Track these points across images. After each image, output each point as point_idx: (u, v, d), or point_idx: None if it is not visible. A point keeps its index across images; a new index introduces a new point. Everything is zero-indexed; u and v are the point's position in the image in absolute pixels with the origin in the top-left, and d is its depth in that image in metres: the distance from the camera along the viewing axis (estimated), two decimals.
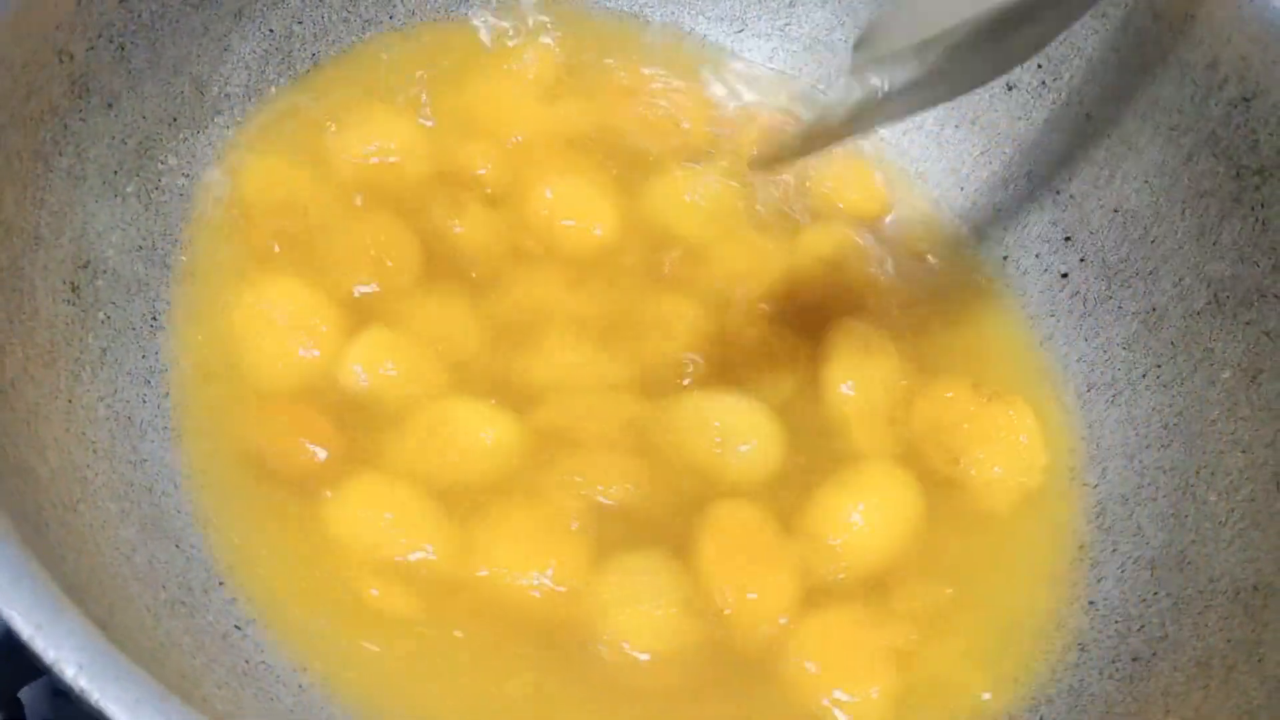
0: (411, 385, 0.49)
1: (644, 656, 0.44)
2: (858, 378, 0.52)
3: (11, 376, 0.40)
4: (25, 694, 0.50)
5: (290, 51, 0.56)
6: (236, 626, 0.43)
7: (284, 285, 0.51)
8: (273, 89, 0.56)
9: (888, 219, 0.59)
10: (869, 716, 0.44)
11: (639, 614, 0.44)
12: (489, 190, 0.55)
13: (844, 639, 0.45)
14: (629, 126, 0.58)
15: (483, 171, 0.55)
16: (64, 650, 0.29)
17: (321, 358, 0.49)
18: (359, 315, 0.50)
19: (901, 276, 0.57)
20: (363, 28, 0.58)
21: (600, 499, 0.47)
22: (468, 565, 0.45)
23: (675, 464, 0.48)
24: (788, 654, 0.44)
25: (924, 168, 0.61)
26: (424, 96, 0.57)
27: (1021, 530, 0.50)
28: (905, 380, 0.53)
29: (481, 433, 0.48)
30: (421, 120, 0.56)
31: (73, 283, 0.46)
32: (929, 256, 0.59)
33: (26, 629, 0.29)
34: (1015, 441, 0.51)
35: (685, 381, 0.51)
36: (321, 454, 0.47)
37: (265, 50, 0.55)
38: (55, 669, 0.29)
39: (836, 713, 0.44)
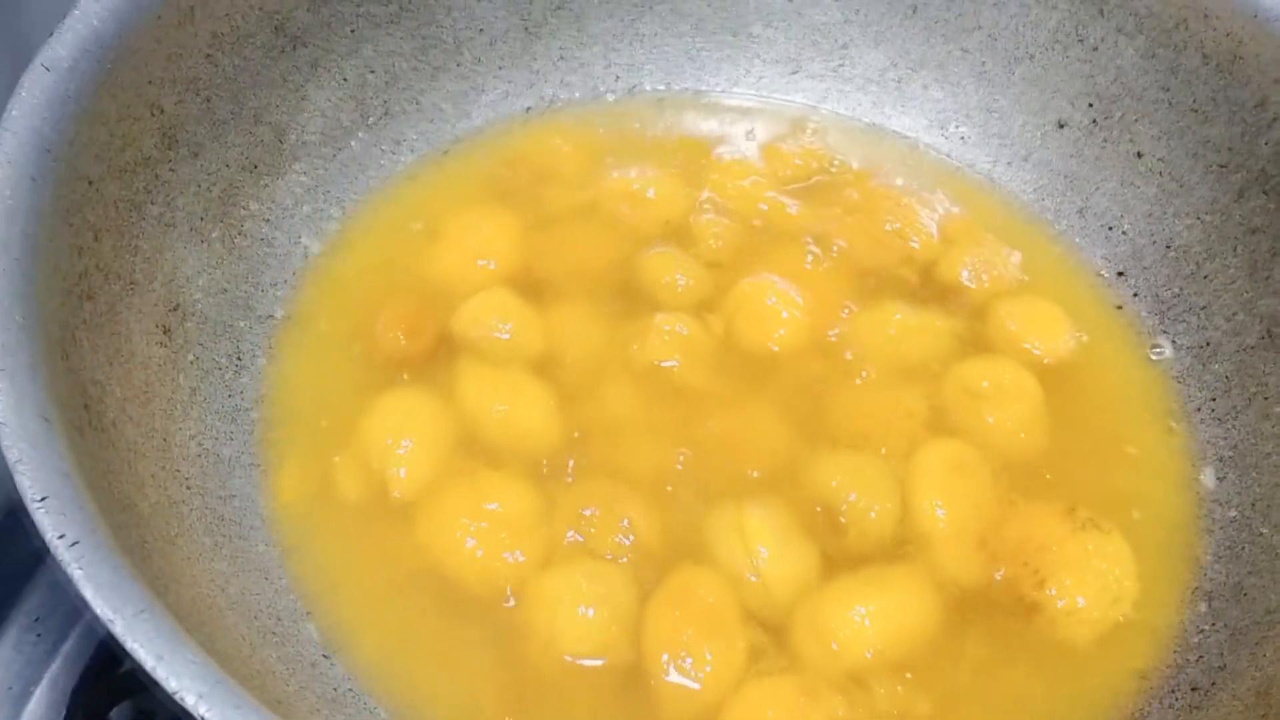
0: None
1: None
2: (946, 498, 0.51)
3: (113, 417, 0.42)
4: (115, 714, 0.52)
5: (364, 100, 0.58)
6: (325, 655, 0.45)
7: None
8: (353, 142, 0.58)
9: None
10: None
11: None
12: None
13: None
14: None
15: None
16: (184, 680, 0.31)
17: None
18: None
19: None
20: (432, 75, 0.60)
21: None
22: None
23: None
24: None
25: (975, 197, 0.63)
26: None
27: None
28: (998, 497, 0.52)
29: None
30: None
31: (164, 325, 0.48)
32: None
33: (149, 660, 0.31)
34: (1103, 571, 0.49)
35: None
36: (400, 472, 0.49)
37: (340, 98, 0.58)
38: (177, 697, 0.30)
39: None
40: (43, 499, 0.33)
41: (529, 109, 0.64)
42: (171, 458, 0.45)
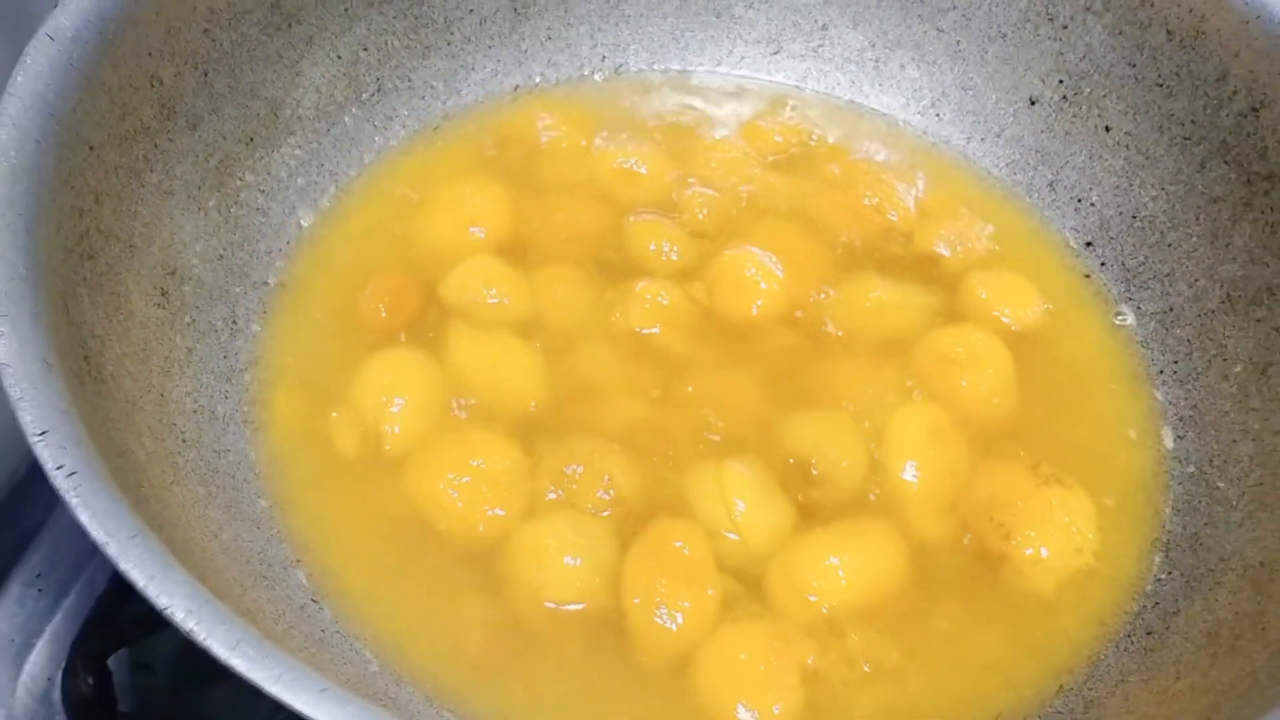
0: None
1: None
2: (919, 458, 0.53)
3: (111, 370, 0.44)
4: (113, 662, 0.54)
5: (357, 76, 0.60)
6: (313, 600, 0.47)
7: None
8: (346, 118, 0.60)
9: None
10: None
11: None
12: None
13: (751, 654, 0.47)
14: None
15: None
16: (175, 599, 0.33)
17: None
18: None
19: None
20: (423, 54, 0.62)
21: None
22: None
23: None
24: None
25: (950, 172, 0.65)
26: None
27: None
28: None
29: None
30: None
31: (162, 288, 0.50)
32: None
33: (141, 579, 0.33)
34: (1066, 525, 0.51)
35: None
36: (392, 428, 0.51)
37: (334, 75, 0.60)
38: (167, 614, 0.32)
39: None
40: (42, 433, 0.35)
41: (517, 87, 0.66)
42: (168, 412, 0.47)
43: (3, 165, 0.42)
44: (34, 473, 0.72)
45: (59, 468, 0.35)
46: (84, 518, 0.34)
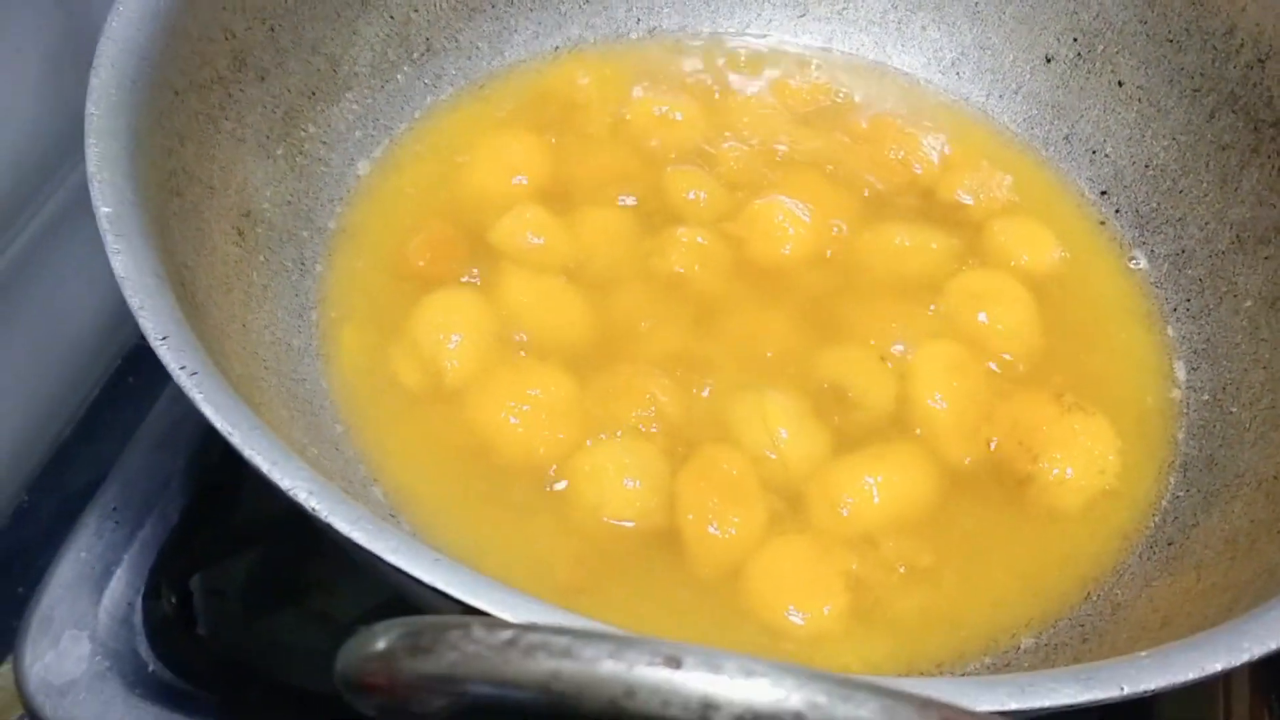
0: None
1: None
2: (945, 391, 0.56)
3: (201, 299, 0.47)
4: (194, 583, 0.57)
5: (409, 36, 0.63)
6: (391, 514, 0.50)
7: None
8: (399, 75, 0.63)
9: None
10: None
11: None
12: None
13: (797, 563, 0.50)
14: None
15: None
16: (298, 480, 0.36)
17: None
18: None
19: None
20: (469, 16, 0.66)
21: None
22: None
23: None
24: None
25: (971, 127, 0.68)
26: None
27: None
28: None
29: None
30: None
31: (239, 228, 0.53)
32: None
33: (265, 464, 0.36)
34: (1089, 448, 0.54)
35: None
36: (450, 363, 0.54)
37: (387, 34, 0.63)
38: (291, 493, 0.35)
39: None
40: (164, 338, 0.38)
41: (557, 48, 0.69)
42: (250, 341, 0.50)
43: (104, 102, 0.45)
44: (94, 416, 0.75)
45: (182, 368, 0.38)
46: (208, 411, 0.37)
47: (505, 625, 0.25)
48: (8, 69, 0.61)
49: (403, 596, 0.39)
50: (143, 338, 0.83)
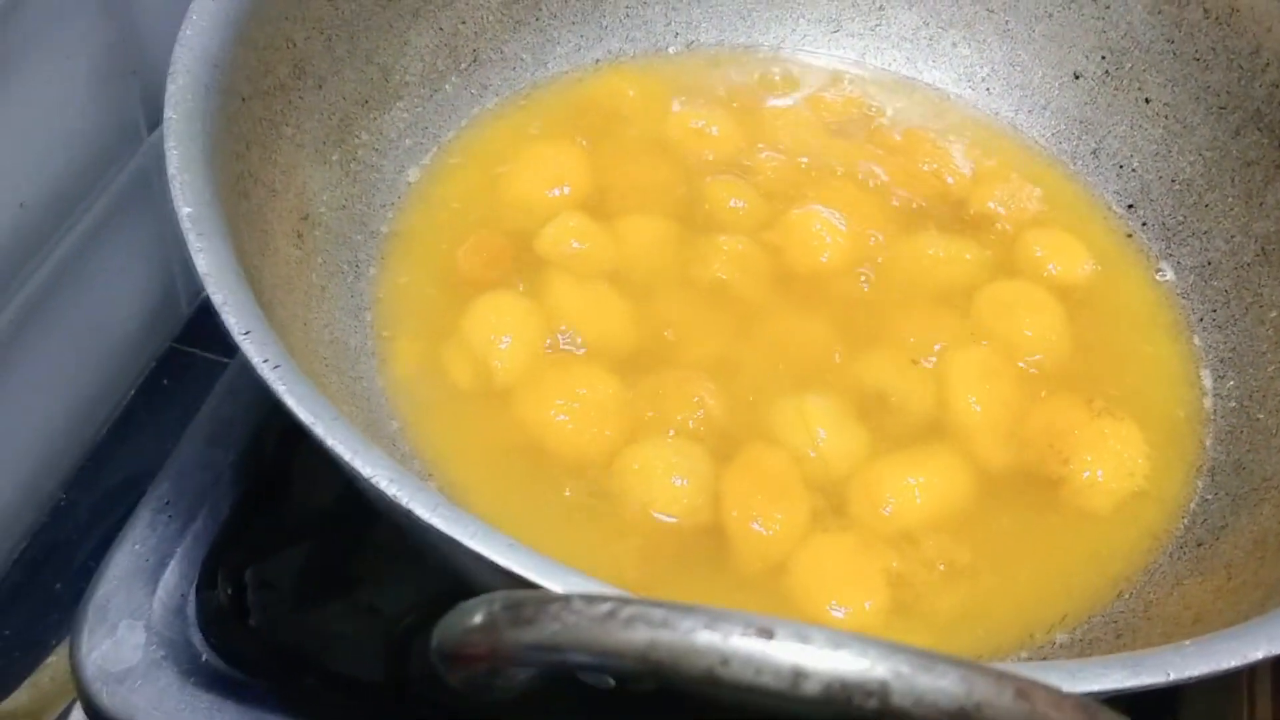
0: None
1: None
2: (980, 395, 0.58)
3: (267, 298, 0.49)
4: (246, 575, 0.58)
5: (456, 47, 0.65)
6: None
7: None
8: (447, 85, 0.65)
9: None
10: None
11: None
12: None
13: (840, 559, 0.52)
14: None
15: None
16: (379, 468, 0.37)
17: None
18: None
19: None
20: (514, 28, 0.67)
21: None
22: None
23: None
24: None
25: (1001, 142, 0.70)
26: None
27: None
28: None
29: None
30: None
31: (298, 231, 0.55)
32: None
33: (347, 453, 0.38)
34: (1119, 451, 0.56)
35: None
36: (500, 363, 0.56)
37: (436, 45, 0.64)
38: (372, 481, 0.37)
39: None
40: (246, 333, 0.40)
41: (598, 60, 0.71)
42: (311, 340, 0.52)
43: (182, 106, 0.46)
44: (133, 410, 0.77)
45: (265, 361, 0.39)
46: (290, 402, 0.39)
47: (603, 599, 0.27)
48: (57, 76, 0.63)
49: (461, 585, 0.41)
50: (177, 340, 0.85)
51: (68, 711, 0.65)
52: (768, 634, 0.26)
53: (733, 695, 0.26)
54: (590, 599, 0.27)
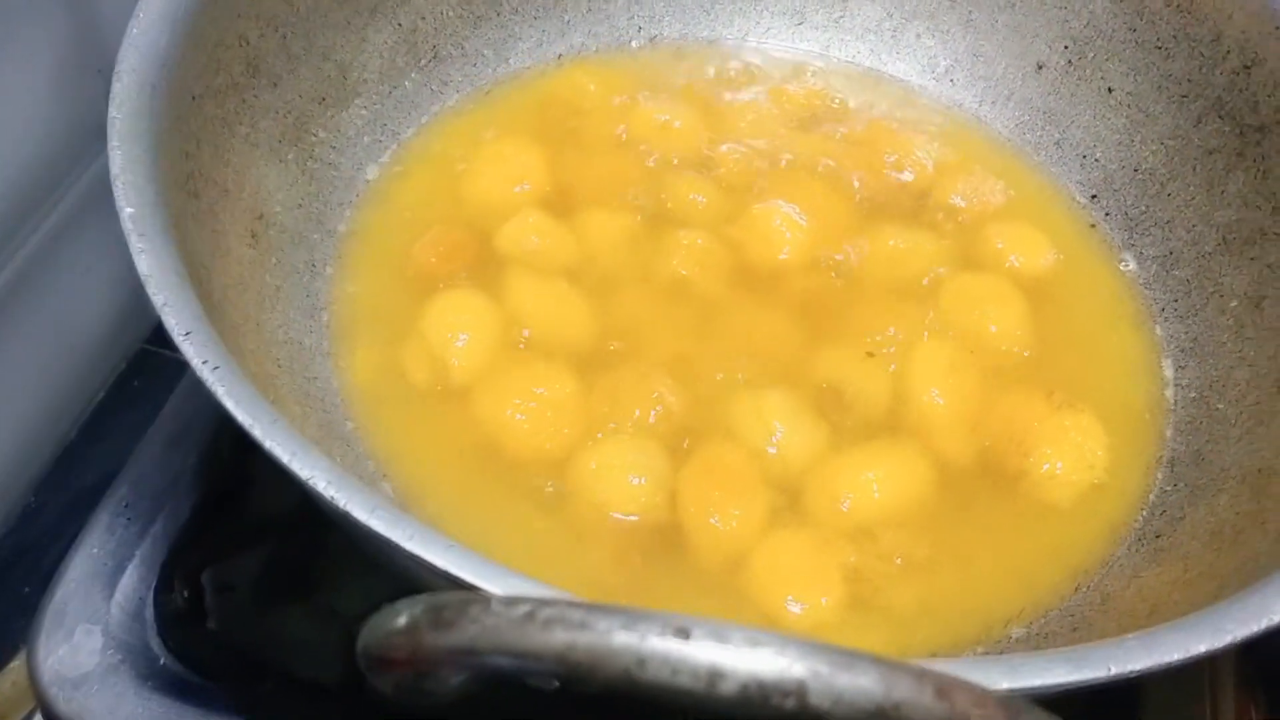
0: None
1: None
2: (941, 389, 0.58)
3: (218, 299, 0.49)
4: (204, 578, 0.58)
5: (416, 44, 0.65)
6: (401, 509, 0.51)
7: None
8: (406, 81, 0.65)
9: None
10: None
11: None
12: None
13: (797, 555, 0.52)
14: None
15: None
16: (316, 470, 0.37)
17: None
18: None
19: None
20: (475, 23, 0.67)
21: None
22: None
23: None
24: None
25: (964, 133, 0.70)
26: None
27: None
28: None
29: None
30: None
31: (252, 230, 0.54)
32: None
33: (285, 455, 0.37)
34: (1079, 444, 0.56)
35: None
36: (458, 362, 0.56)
37: (395, 42, 0.64)
38: (310, 483, 0.37)
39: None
40: (187, 334, 0.40)
41: (560, 55, 0.70)
42: (264, 341, 0.52)
43: (126, 106, 0.46)
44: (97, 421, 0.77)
45: (204, 362, 0.39)
46: (229, 404, 0.38)
47: (523, 600, 0.27)
48: (18, 75, 0.62)
49: (412, 587, 0.41)
50: (148, 341, 0.84)
51: (30, 716, 0.64)
52: (684, 634, 0.25)
53: (652, 696, 0.25)
54: (510, 601, 0.27)
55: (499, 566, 0.35)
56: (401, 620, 0.28)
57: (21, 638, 0.69)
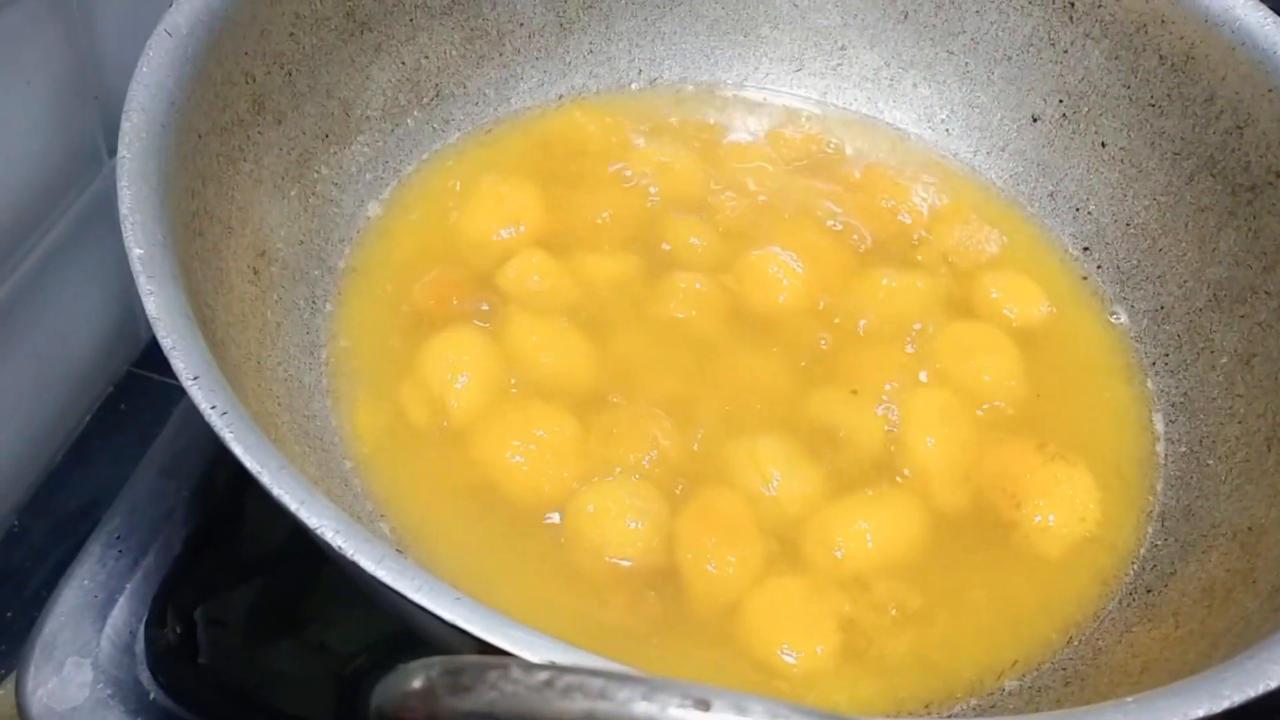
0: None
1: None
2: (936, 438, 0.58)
3: (220, 336, 0.49)
4: (197, 613, 0.58)
5: (419, 82, 0.65)
6: (398, 550, 0.51)
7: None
8: (409, 119, 0.65)
9: None
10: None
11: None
12: None
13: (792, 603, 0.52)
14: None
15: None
16: (325, 519, 0.37)
17: None
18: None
19: None
20: (478, 63, 0.67)
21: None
22: None
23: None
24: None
25: (959, 182, 0.70)
26: None
27: None
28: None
29: None
30: None
31: (254, 267, 0.55)
32: None
33: (293, 503, 0.37)
34: (1071, 496, 0.56)
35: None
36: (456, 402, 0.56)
37: (398, 80, 0.64)
38: (318, 533, 0.37)
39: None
40: (195, 378, 0.40)
41: (561, 96, 0.71)
42: (265, 378, 0.52)
43: (136, 145, 0.46)
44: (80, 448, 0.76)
45: (213, 408, 0.39)
46: (238, 450, 0.38)
47: (542, 667, 0.27)
48: (16, 100, 0.62)
49: (414, 631, 0.41)
50: (135, 364, 0.84)
51: None
52: (704, 705, 0.26)
53: None
54: (528, 667, 0.27)
55: (506, 619, 0.35)
56: (417, 683, 0.28)
57: (4, 664, 0.69)
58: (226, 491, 0.61)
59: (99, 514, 0.61)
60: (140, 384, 0.81)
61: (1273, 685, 0.38)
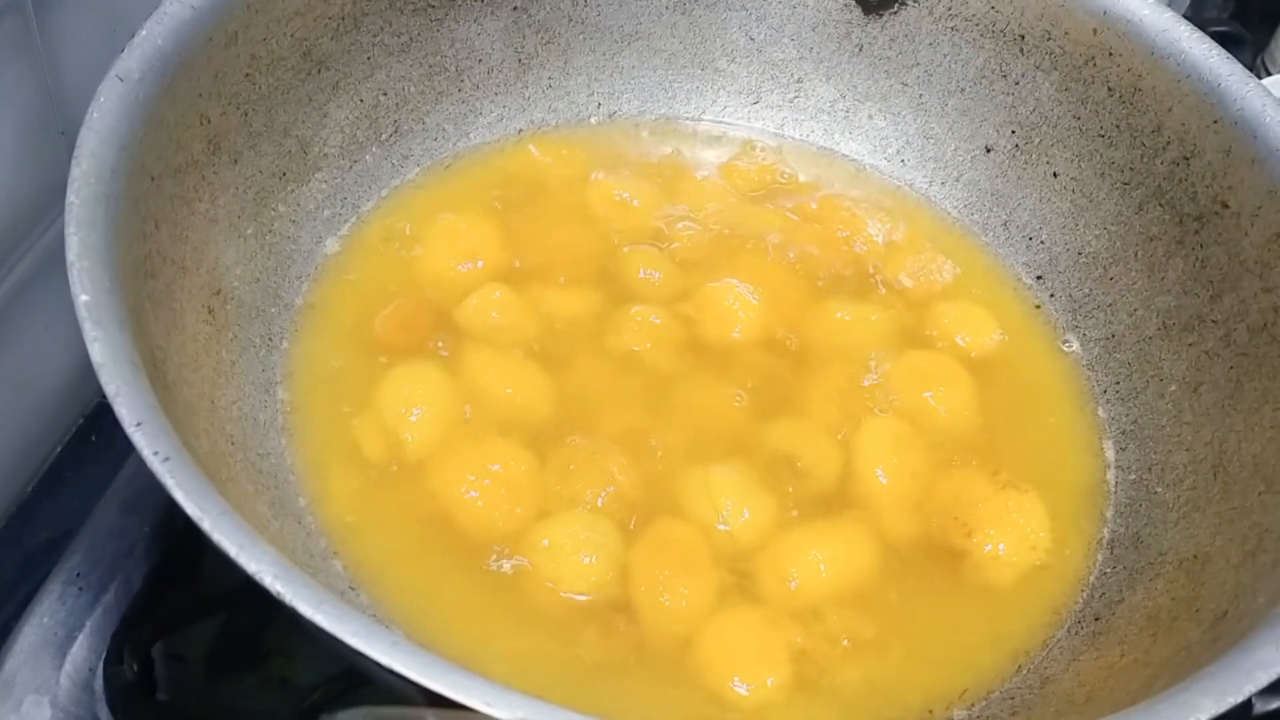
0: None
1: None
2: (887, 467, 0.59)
3: (172, 378, 0.49)
4: (155, 649, 0.58)
5: (377, 119, 0.66)
6: (351, 588, 0.51)
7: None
8: (367, 156, 0.65)
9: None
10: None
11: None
12: None
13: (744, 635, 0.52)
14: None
15: None
16: (263, 564, 0.38)
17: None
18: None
19: None
20: (436, 99, 0.68)
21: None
22: None
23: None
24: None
25: (914, 212, 0.71)
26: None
27: None
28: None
29: None
30: None
31: (209, 306, 0.55)
32: None
33: (233, 549, 0.38)
34: (1021, 525, 0.57)
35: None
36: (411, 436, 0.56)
37: (356, 117, 0.65)
38: (257, 577, 0.37)
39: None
40: (138, 424, 0.40)
41: (520, 130, 0.72)
42: (218, 418, 0.52)
43: (85, 191, 0.46)
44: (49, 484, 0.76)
45: (155, 453, 0.40)
46: (179, 496, 0.39)
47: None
48: None
49: (361, 670, 0.41)
50: (106, 397, 0.84)
51: None
52: None
53: None
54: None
55: (444, 663, 0.36)
56: None
57: None
58: (187, 527, 0.60)
59: (68, 548, 0.61)
60: (111, 416, 0.81)
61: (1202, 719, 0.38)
